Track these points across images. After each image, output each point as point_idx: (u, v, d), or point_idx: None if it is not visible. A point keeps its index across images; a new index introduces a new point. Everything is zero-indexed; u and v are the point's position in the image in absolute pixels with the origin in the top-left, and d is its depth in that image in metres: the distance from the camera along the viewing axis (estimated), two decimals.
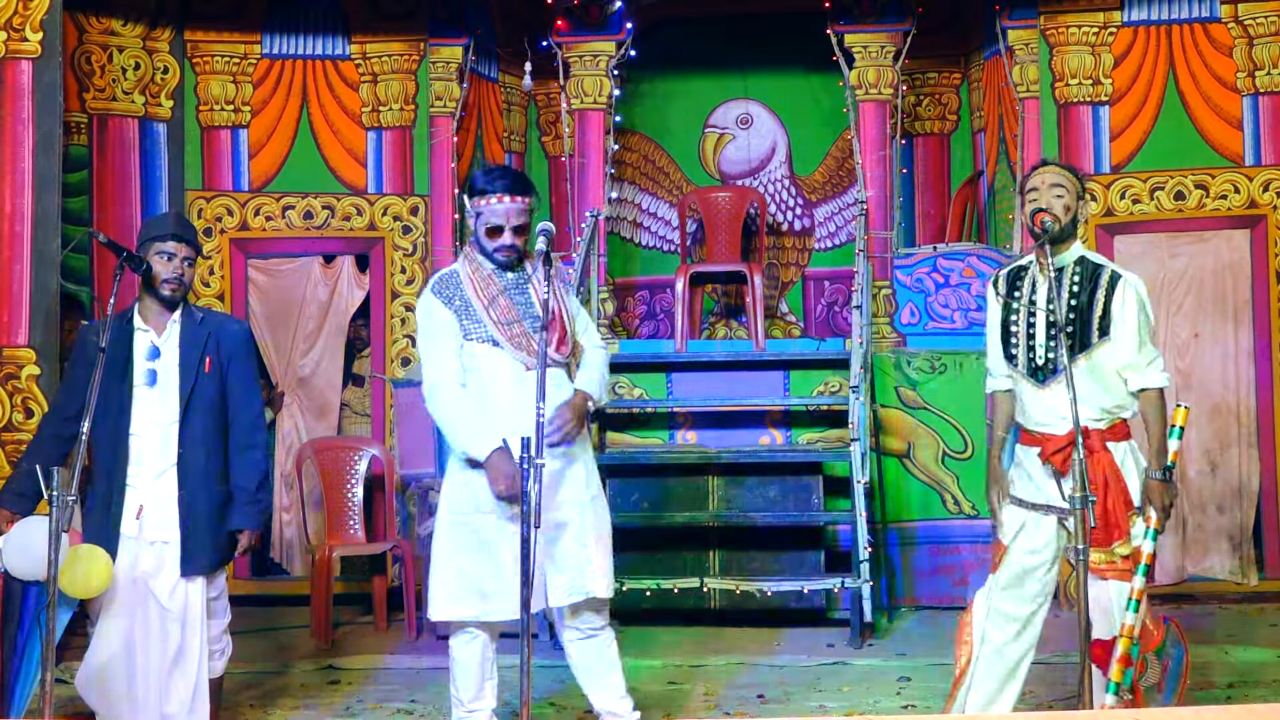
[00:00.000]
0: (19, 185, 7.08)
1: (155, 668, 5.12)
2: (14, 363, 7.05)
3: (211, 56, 8.67)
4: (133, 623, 5.12)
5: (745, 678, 6.68)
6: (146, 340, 5.20)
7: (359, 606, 8.24)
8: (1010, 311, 5.00)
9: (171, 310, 5.25)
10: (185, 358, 5.20)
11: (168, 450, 5.16)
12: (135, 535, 5.12)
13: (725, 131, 10.24)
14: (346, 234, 8.78)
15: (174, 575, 5.13)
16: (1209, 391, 8.20)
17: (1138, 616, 4.74)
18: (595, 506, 5.16)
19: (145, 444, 5.15)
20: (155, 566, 5.13)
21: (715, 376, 8.40)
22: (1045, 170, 4.99)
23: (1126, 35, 8.41)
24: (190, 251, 5.24)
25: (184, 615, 5.14)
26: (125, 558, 5.08)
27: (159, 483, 5.16)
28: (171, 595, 5.13)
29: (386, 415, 8.63)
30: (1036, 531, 4.94)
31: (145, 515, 5.12)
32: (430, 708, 6.24)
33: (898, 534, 8.07)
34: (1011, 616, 4.97)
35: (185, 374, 5.19)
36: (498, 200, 5.03)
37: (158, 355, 5.19)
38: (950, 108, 9.89)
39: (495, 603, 4.95)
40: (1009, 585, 4.98)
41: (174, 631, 5.13)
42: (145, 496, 5.14)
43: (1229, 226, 8.27)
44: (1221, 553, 8.15)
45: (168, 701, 5.13)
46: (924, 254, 8.72)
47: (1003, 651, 4.99)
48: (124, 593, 5.09)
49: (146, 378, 5.16)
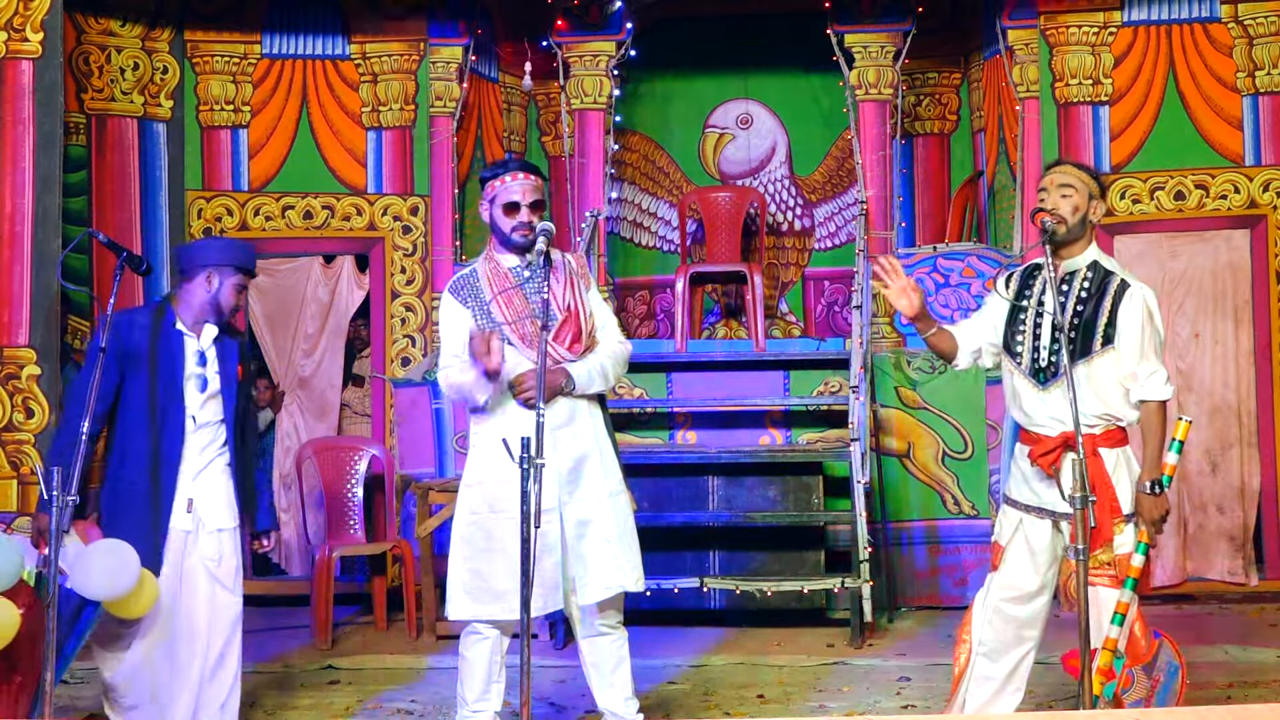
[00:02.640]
0: (19, 185, 7.09)
1: (200, 659, 5.35)
2: (15, 362, 7.06)
3: (211, 56, 8.67)
4: (178, 618, 5.31)
5: (745, 677, 6.68)
6: (194, 346, 5.37)
7: (360, 607, 8.24)
8: (1017, 310, 4.99)
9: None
10: (225, 365, 5.41)
11: (211, 448, 5.38)
12: (192, 529, 5.32)
13: (725, 131, 10.24)
14: (346, 234, 8.78)
15: (233, 561, 5.41)
16: (1209, 391, 8.20)
17: (1122, 630, 4.70)
18: (616, 502, 5.18)
19: (195, 442, 5.33)
20: (217, 554, 5.37)
21: (715, 377, 8.40)
22: (1057, 170, 4.95)
23: (1126, 35, 8.41)
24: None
25: (230, 614, 5.42)
26: (174, 551, 5.28)
27: (205, 477, 5.36)
28: (235, 578, 5.42)
29: (387, 415, 8.63)
30: (1032, 533, 4.92)
31: (199, 507, 5.33)
32: (430, 708, 6.24)
33: (898, 534, 8.07)
34: (1009, 617, 4.96)
35: (226, 379, 5.41)
36: (511, 178, 5.10)
37: (205, 362, 5.37)
38: (950, 108, 9.88)
39: (507, 602, 4.96)
40: (1006, 586, 4.97)
41: (225, 618, 5.38)
42: (194, 491, 5.33)
43: (1229, 226, 8.27)
44: (1222, 553, 8.14)
45: (210, 689, 5.37)
46: (924, 254, 8.72)
47: (1002, 652, 4.97)
48: (170, 589, 5.27)
49: (199, 384, 5.34)
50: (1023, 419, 4.97)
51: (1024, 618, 4.97)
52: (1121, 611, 4.70)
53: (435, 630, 7.42)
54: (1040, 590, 4.96)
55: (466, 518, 5.13)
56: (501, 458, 4.97)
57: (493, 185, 5.12)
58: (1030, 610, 4.97)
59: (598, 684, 5.24)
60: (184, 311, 5.36)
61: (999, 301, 5.08)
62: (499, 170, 5.15)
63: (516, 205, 5.07)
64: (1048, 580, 4.98)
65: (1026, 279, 5.03)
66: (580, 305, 5.15)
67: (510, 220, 5.07)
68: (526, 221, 5.06)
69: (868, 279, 8.26)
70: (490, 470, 5.03)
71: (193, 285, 5.34)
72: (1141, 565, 4.75)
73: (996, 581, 5.00)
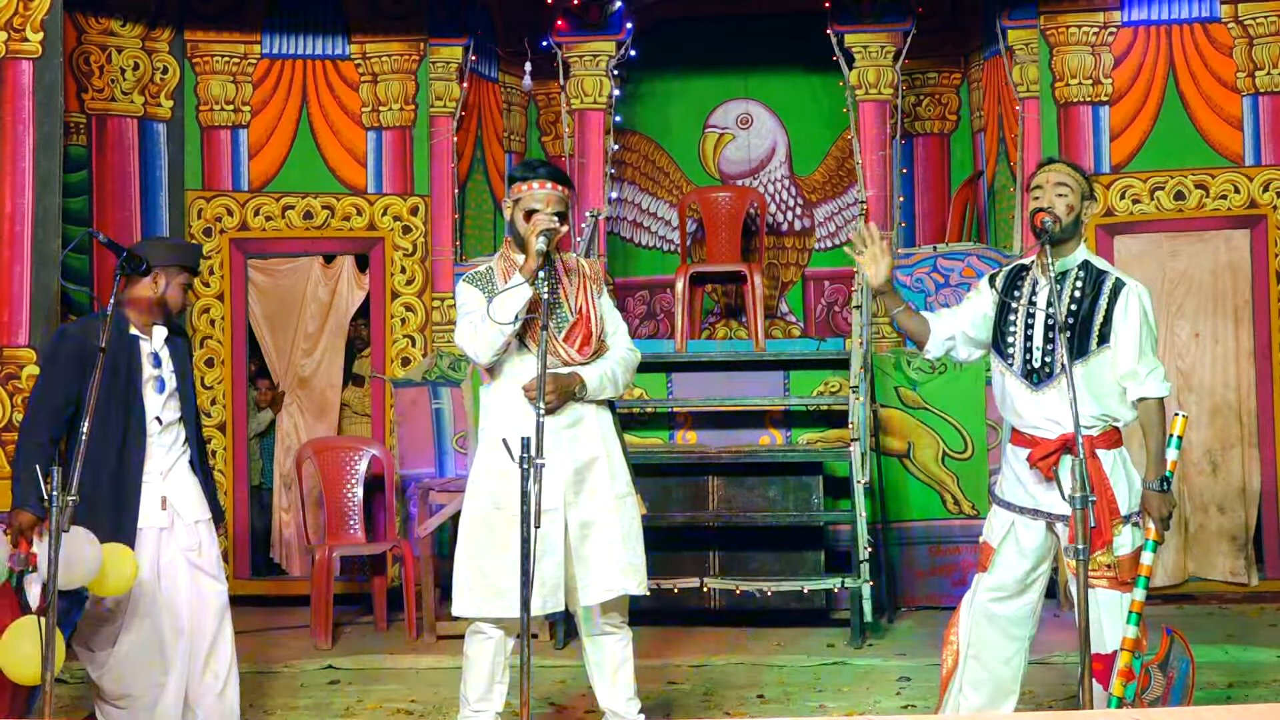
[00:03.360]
0: (19, 185, 7.08)
1: (196, 649, 5.37)
2: (14, 362, 7.05)
3: (211, 56, 8.67)
4: (160, 611, 5.31)
5: (745, 677, 6.68)
6: (149, 348, 5.39)
7: (359, 607, 8.24)
8: (1007, 310, 4.97)
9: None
10: (177, 364, 5.47)
11: (176, 446, 5.42)
12: (168, 525, 5.34)
13: (725, 131, 10.24)
14: (346, 234, 8.78)
15: (213, 550, 5.45)
16: (1209, 392, 8.20)
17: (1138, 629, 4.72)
18: (622, 505, 5.16)
19: (157, 442, 5.35)
20: (195, 543, 5.40)
21: (715, 376, 8.40)
22: (1051, 169, 4.93)
23: (1126, 35, 8.41)
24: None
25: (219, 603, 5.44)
26: (148, 549, 5.28)
27: (174, 474, 5.39)
28: (217, 565, 5.46)
29: (386, 415, 8.63)
30: (1025, 534, 4.91)
31: (173, 504, 5.36)
32: (430, 708, 6.24)
33: (898, 534, 8.07)
34: (996, 617, 4.94)
35: (181, 378, 5.48)
36: (539, 186, 5.06)
37: (160, 363, 5.40)
38: (950, 108, 9.88)
39: (507, 600, 4.96)
40: (997, 588, 4.94)
41: (213, 606, 5.40)
42: (164, 489, 5.35)
43: (1229, 226, 8.26)
44: (1223, 553, 8.14)
45: (205, 678, 5.38)
46: (924, 254, 8.71)
47: (991, 653, 4.95)
48: (149, 585, 5.28)
49: (156, 385, 5.37)
50: (1016, 420, 4.95)
51: (1011, 618, 4.96)
52: (1137, 610, 4.71)
53: (435, 630, 7.42)
54: (1027, 589, 4.94)
55: (472, 514, 5.13)
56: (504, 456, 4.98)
57: (520, 187, 5.08)
58: (1018, 610, 4.95)
59: (600, 683, 5.24)
60: (134, 314, 5.38)
61: (983, 298, 5.06)
62: (529, 175, 5.09)
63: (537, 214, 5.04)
64: (1036, 581, 4.96)
65: (1013, 279, 5.02)
66: (591, 309, 5.14)
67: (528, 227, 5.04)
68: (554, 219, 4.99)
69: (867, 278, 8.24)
70: (495, 467, 5.03)
71: (139, 286, 5.34)
72: (1150, 564, 4.76)
73: (985, 583, 4.97)
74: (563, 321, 5.06)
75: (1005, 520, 4.94)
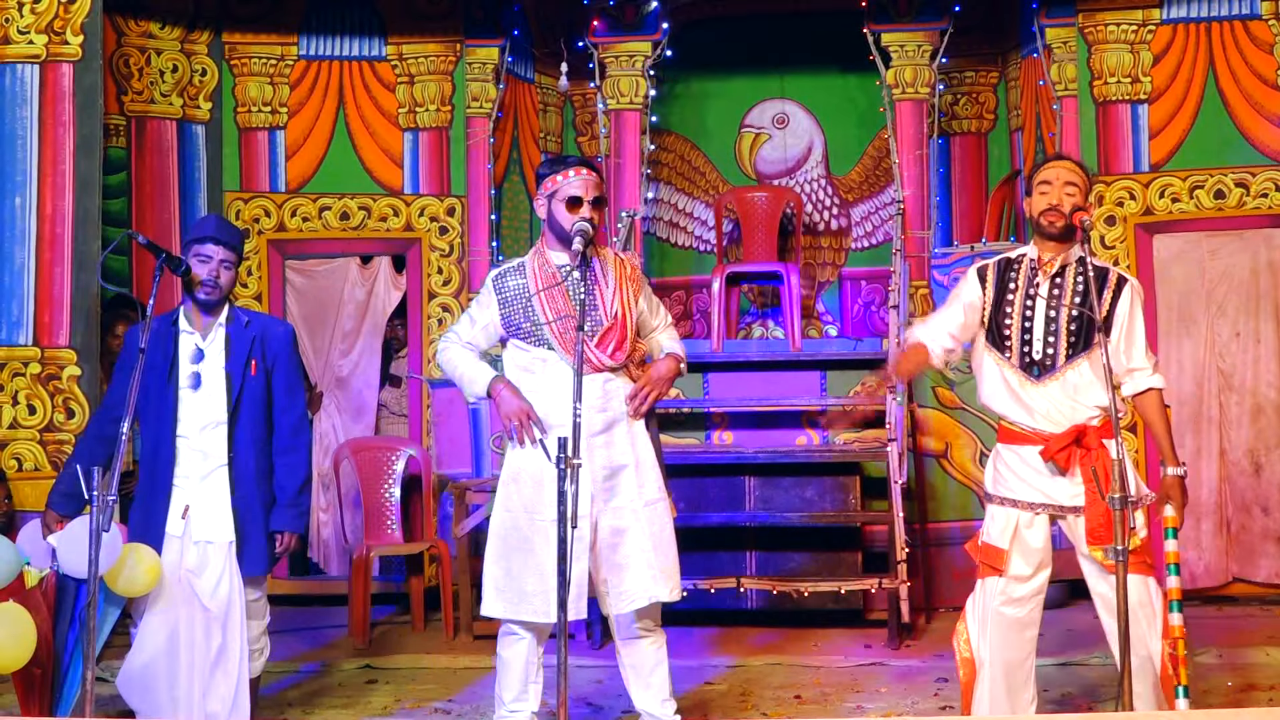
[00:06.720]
0: (60, 187, 7.14)
1: (199, 666, 5.15)
2: (55, 363, 7.10)
3: (249, 58, 8.72)
4: (177, 621, 5.15)
5: (782, 678, 6.67)
6: (190, 343, 5.24)
7: (397, 607, 8.27)
8: (1004, 303, 4.97)
9: (213, 313, 5.28)
10: (232, 361, 5.23)
11: (215, 452, 5.21)
12: (180, 534, 5.16)
13: (761, 131, 10.23)
14: (383, 235, 8.81)
15: (216, 575, 5.16)
16: (1250, 391, 8.12)
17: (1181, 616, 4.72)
18: (653, 512, 5.13)
19: (190, 445, 5.19)
20: (199, 565, 5.16)
21: (752, 377, 8.38)
22: (1059, 165, 4.96)
23: (1165, 33, 8.35)
24: (228, 254, 5.25)
25: (225, 615, 5.17)
26: (170, 556, 5.13)
27: (206, 484, 5.20)
28: (213, 595, 5.16)
29: (424, 415, 8.66)
30: (1029, 532, 4.90)
31: (192, 515, 5.16)
32: (467, 707, 6.25)
33: (935, 535, 8.03)
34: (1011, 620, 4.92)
35: (232, 377, 5.22)
36: (575, 173, 5.06)
37: (201, 358, 5.22)
38: (987, 106, 9.84)
39: (533, 604, 4.96)
40: (1009, 590, 4.92)
41: (216, 631, 5.16)
42: (192, 496, 5.18)
43: (1269, 225, 8.19)
44: (1267, 554, 8.05)
45: (210, 700, 5.15)
46: (961, 253, 8.67)
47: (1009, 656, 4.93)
48: (169, 591, 5.13)
49: (190, 380, 5.20)
50: (1017, 414, 4.93)
51: (1025, 619, 4.95)
52: (1178, 598, 4.73)
53: (472, 630, 7.43)
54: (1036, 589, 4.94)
55: (501, 515, 5.14)
56: (536, 457, 4.99)
57: (553, 180, 5.08)
58: (1030, 612, 4.95)
59: (635, 685, 5.24)
60: (188, 309, 5.27)
61: (970, 287, 5.07)
62: (559, 166, 5.11)
63: (579, 200, 5.02)
64: (1043, 579, 4.96)
65: (1005, 272, 5.02)
66: (628, 312, 5.13)
67: (573, 216, 5.01)
68: (588, 217, 5.00)
69: (905, 279, 8.25)
70: (525, 470, 5.04)
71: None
72: (1175, 550, 4.84)
73: (996, 586, 4.93)
74: (597, 325, 5.06)
75: (1008, 519, 4.93)
